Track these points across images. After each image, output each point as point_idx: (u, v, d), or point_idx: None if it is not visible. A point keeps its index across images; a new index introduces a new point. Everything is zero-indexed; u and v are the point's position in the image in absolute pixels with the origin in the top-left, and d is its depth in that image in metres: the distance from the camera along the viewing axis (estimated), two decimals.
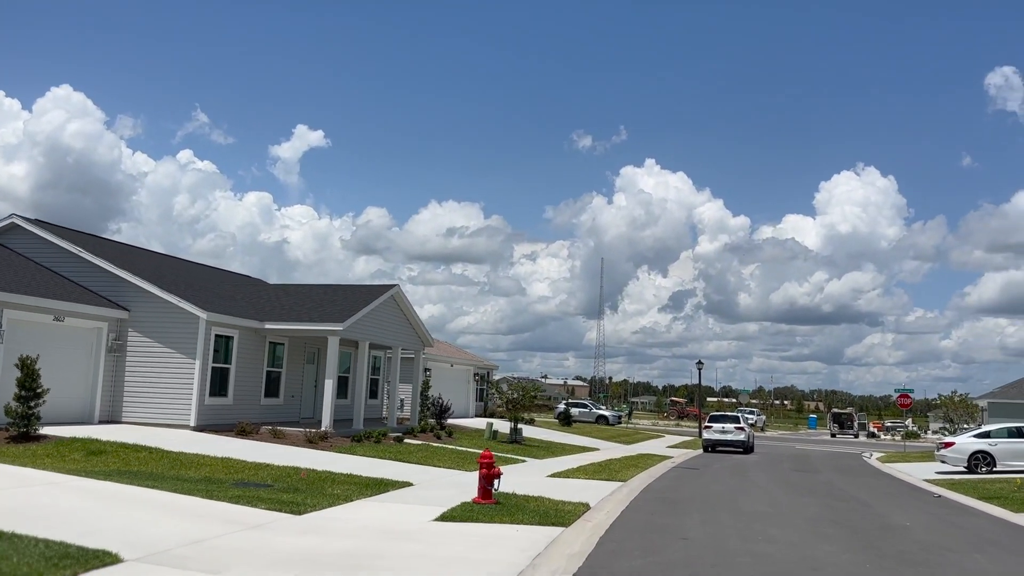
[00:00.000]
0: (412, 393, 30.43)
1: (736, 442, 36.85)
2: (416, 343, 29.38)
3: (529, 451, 27.51)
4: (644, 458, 29.00)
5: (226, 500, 11.98)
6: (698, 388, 54.68)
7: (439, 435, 27.83)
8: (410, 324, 28.71)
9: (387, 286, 26.66)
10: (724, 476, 23.59)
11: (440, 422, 33.95)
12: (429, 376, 37.39)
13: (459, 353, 43.74)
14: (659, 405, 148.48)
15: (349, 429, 24.53)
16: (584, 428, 47.41)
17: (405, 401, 36.63)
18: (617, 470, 22.55)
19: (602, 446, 36.02)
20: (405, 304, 27.85)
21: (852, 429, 72.01)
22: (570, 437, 38.59)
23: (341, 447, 21.25)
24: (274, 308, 25.12)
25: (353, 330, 24.26)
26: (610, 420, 58.50)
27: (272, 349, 25.01)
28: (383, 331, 26.56)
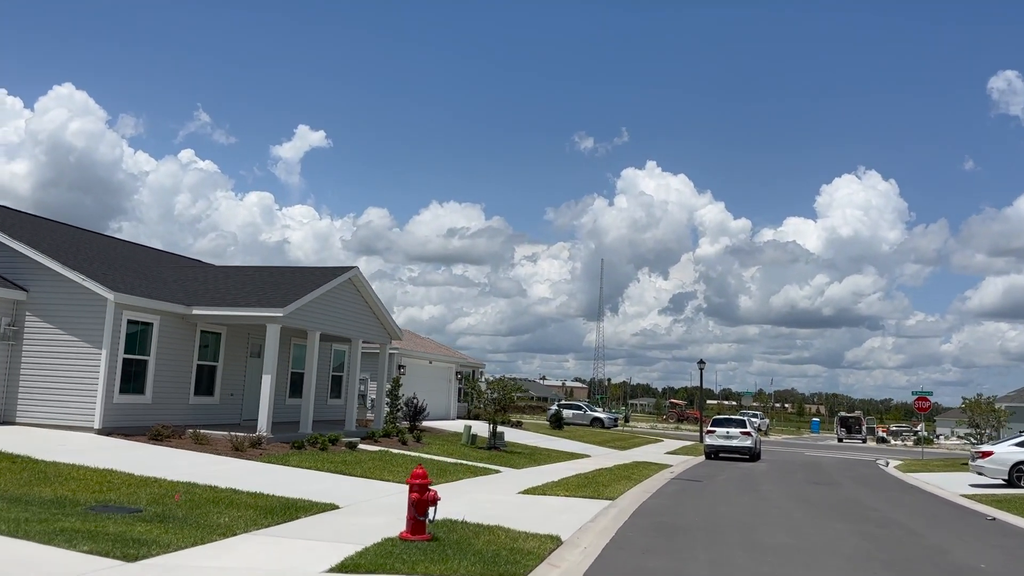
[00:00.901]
0: (377, 392, 26.90)
1: (742, 448, 33.32)
2: (381, 335, 25.84)
3: (507, 459, 23.99)
4: (639, 467, 25.48)
5: (38, 538, 8.45)
6: (699, 390, 51.21)
7: (405, 440, 24.31)
8: (373, 314, 25.17)
9: (342, 268, 23.14)
10: (732, 491, 20.07)
11: (414, 425, 30.45)
12: (403, 373, 33.85)
13: (439, 349, 40.15)
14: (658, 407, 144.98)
15: (294, 433, 21.00)
16: (577, 431, 43.87)
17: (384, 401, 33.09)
18: (606, 483, 19.03)
19: (594, 452, 32.50)
20: (367, 291, 24.30)
21: (860, 434, 68.50)
22: (559, 442, 35.07)
23: (274, 456, 17.73)
24: (207, 291, 21.58)
25: (298, 317, 20.72)
26: (606, 423, 54.95)
27: (205, 340, 21.48)
28: (338, 320, 23.02)
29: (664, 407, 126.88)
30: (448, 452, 23.71)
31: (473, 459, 22.75)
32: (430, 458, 21.24)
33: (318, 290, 21.20)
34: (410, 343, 36.22)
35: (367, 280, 24.12)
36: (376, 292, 24.88)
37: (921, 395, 42.80)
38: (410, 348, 34.89)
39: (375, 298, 24.69)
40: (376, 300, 24.76)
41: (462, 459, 22.44)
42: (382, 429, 24.98)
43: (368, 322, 24.89)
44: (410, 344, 35.86)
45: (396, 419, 28.77)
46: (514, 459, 24.31)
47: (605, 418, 55.81)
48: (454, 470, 19.16)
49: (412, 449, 23.22)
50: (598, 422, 54.96)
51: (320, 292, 21.33)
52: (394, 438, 24.49)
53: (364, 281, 23.92)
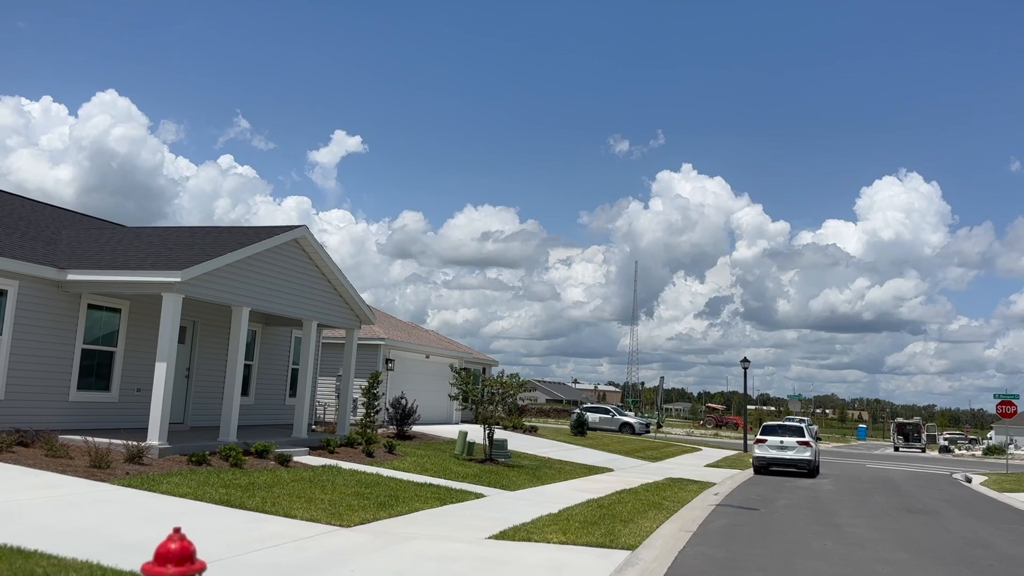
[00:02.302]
0: (341, 390, 21.50)
1: (799, 462, 27.49)
2: (345, 318, 20.45)
3: (502, 476, 18.50)
4: (674, 487, 19.84)
5: None
6: (743, 393, 45.25)
7: (372, 451, 18.89)
8: (335, 291, 19.79)
9: (282, 228, 17.78)
10: (804, 528, 14.37)
11: (402, 430, 25.20)
12: (390, 368, 28.45)
13: (440, 342, 34.68)
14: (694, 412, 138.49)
15: (210, 442, 15.69)
16: (602, 439, 38.18)
17: (360, 402, 27.77)
18: (626, 518, 13.46)
19: (619, 464, 26.86)
20: (323, 261, 18.92)
21: (919, 442, 61.97)
22: (578, 452, 29.46)
23: (147, 476, 12.42)
24: (94, 253, 16.34)
25: (210, 286, 15.40)
26: (636, 429, 49.17)
27: (97, 318, 16.27)
28: (280, 295, 17.67)
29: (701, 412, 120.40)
30: (425, 467, 18.27)
31: (455, 477, 17.29)
32: (394, 476, 15.84)
33: (240, 252, 15.83)
34: (403, 333, 30.85)
35: (322, 248, 18.71)
36: (338, 264, 19.47)
37: (1006, 399, 36.52)
38: (401, 339, 29.51)
39: (335, 271, 19.30)
40: (337, 274, 19.37)
41: (439, 477, 17.00)
42: (345, 436, 19.57)
43: (326, 301, 19.50)
44: (402, 335, 30.49)
45: (374, 423, 23.40)
46: (511, 476, 18.79)
47: (636, 423, 50.02)
48: (414, 496, 13.70)
49: (378, 463, 17.83)
50: (628, 428, 49.22)
51: (244, 255, 15.96)
52: (358, 447, 19.10)
53: (318, 248, 18.54)
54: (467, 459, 21.10)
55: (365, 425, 23.20)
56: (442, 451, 23.15)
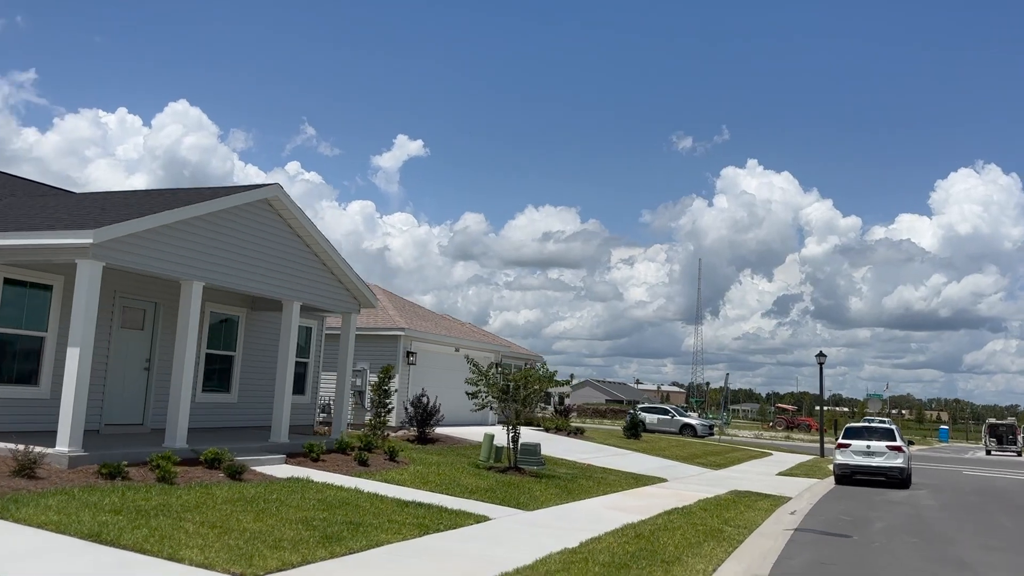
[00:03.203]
0: (337, 387, 18.18)
1: (890, 470, 23.32)
2: (339, 300, 17.16)
3: (524, 489, 15.00)
4: (739, 504, 16.08)
5: None
6: (819, 389, 40.86)
7: (365, 459, 15.55)
8: (323, 267, 16.51)
9: (247, 187, 14.54)
10: (919, 567, 10.53)
11: (423, 432, 21.94)
12: (412, 363, 25.16)
13: (473, 333, 31.20)
14: (762, 413, 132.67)
15: (151, 448, 12.55)
16: (659, 442, 34.32)
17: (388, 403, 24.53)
18: (672, 556, 9.85)
19: (675, 472, 23.10)
20: (304, 228, 15.63)
21: (1015, 445, 56.31)
22: (628, 457, 25.74)
23: (19, 495, 9.27)
24: (13, 217, 13.33)
25: (141, 253, 12.24)
26: (698, 431, 45.08)
27: (16, 294, 13.27)
28: (248, 269, 14.44)
29: (770, 413, 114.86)
30: (427, 479, 14.87)
31: (460, 492, 13.85)
32: (377, 493, 12.50)
33: (180, 211, 12.62)
34: (427, 323, 27.52)
35: (304, 213, 15.44)
36: (327, 236, 16.20)
37: None
38: (425, 330, 26.18)
39: (323, 243, 16.03)
40: (325, 246, 16.10)
41: (441, 492, 13.60)
42: (337, 440, 16.27)
43: (314, 279, 16.24)
44: (426, 324, 27.16)
45: (385, 425, 20.12)
46: (534, 490, 15.26)
47: (698, 425, 45.91)
48: (386, 523, 10.30)
49: (368, 473, 14.50)
50: (689, 430, 45.15)
51: (185, 216, 12.76)
52: (351, 454, 15.78)
53: (297, 213, 15.27)
54: (489, 467, 17.67)
55: (375, 427, 19.96)
56: (465, 457, 19.80)
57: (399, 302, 28.86)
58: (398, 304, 28.18)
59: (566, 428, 29.75)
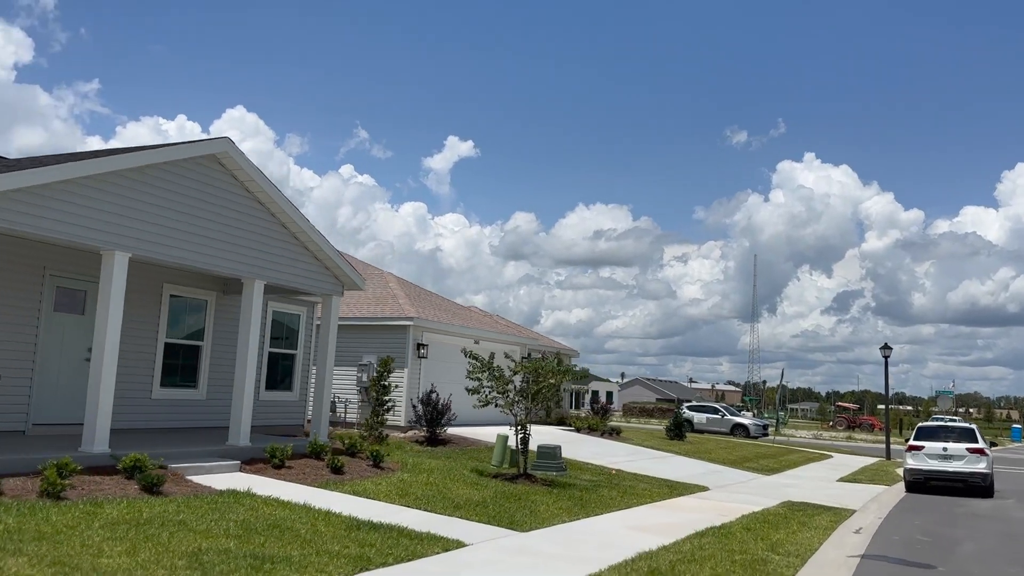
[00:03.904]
0: (317, 377, 15.71)
1: (971, 476, 20.19)
2: (315, 280, 14.73)
3: (528, 503, 12.42)
4: (791, 521, 13.26)
5: None
6: (885, 384, 37.35)
7: (340, 465, 13.08)
8: (295, 241, 14.10)
9: (189, 143, 12.19)
10: None
11: (434, 432, 19.53)
12: (422, 355, 22.68)
13: (494, 323, 28.56)
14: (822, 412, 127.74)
15: (73, 450, 10.27)
16: (705, 444, 31.39)
17: (398, 401, 22.17)
18: None
19: (719, 479, 20.27)
20: (266, 194, 13.23)
21: None
22: (667, 461, 22.94)
23: None
24: None
25: (39, 214, 9.94)
26: (751, 431, 41.89)
27: None
28: (189, 239, 12.07)
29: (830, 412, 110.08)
30: (409, 490, 12.37)
31: (444, 508, 11.33)
32: (331, 511, 10.05)
33: (96, 163, 10.31)
34: (441, 312, 25.02)
35: (264, 176, 13.04)
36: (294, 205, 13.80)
37: None
38: (438, 319, 23.69)
39: (289, 210, 13.62)
40: (293, 213, 13.70)
41: (419, 507, 11.12)
42: (312, 443, 13.84)
43: (283, 255, 13.84)
44: (440, 314, 24.66)
45: (381, 423, 17.74)
46: (541, 504, 12.66)
47: (750, 425, 42.69)
48: (319, 554, 7.82)
49: (337, 484, 12.07)
50: (741, 430, 42.00)
51: (107, 169, 10.45)
52: (325, 459, 13.34)
53: (255, 175, 12.87)
54: (496, 474, 15.12)
55: (372, 427, 17.60)
56: (476, 460, 17.36)
57: (412, 290, 26.45)
58: (410, 292, 25.77)
59: (600, 428, 27.05)
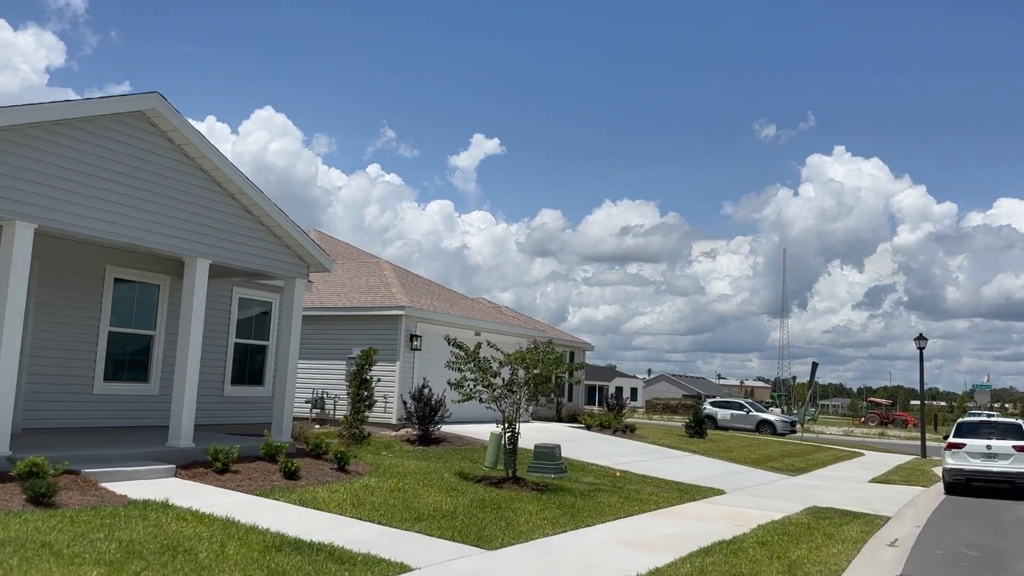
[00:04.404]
0: (279, 369, 14.08)
1: (1018, 476, 18.27)
2: (275, 260, 13.11)
3: (508, 513, 10.77)
4: (815, 533, 11.46)
5: None
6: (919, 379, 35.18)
7: (293, 470, 11.46)
8: (246, 213, 12.48)
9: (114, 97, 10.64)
10: None
11: (426, 431, 17.98)
12: (416, 347, 21.05)
13: (497, 314, 26.84)
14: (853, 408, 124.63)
15: None
16: (728, 441, 29.52)
17: (389, 396, 20.61)
18: None
19: (738, 480, 18.45)
20: (209, 160, 11.61)
21: None
22: (683, 461, 21.15)
23: None
24: None
25: None
26: (778, 428, 39.85)
27: None
28: (114, 208, 10.50)
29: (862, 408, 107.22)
30: (371, 498, 10.74)
31: (404, 519, 9.69)
32: (256, 523, 8.46)
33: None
34: (437, 301, 23.34)
35: (205, 139, 11.44)
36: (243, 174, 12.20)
37: None
38: (433, 309, 22.04)
39: (239, 180, 12.02)
40: (244, 183, 12.09)
41: (377, 519, 9.53)
42: (264, 445, 12.23)
43: (230, 229, 12.24)
44: (436, 303, 22.99)
45: (361, 421, 16.16)
46: (524, 513, 10.97)
47: (777, 422, 40.64)
48: None
49: (283, 492, 10.49)
50: (767, 427, 39.98)
51: (5, 123, 8.89)
52: (278, 462, 11.73)
53: (192, 136, 11.28)
54: (481, 478, 13.45)
55: (352, 424, 16.02)
56: (469, 461, 15.84)
57: (409, 278, 24.81)
58: (407, 280, 24.13)
59: (613, 425, 25.30)
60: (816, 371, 41.14)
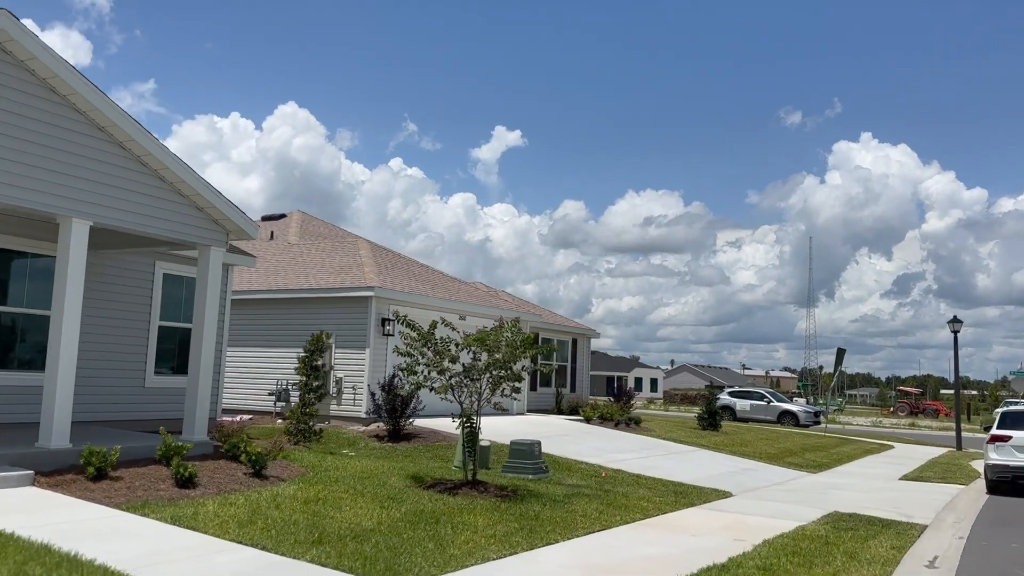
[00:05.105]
0: (191, 358, 11.91)
1: None
2: (182, 224, 10.96)
3: (451, 527, 8.66)
4: (833, 549, 9.20)
5: None
6: (954, 365, 32.60)
7: (188, 476, 9.37)
8: (138, 164, 10.32)
9: None
10: None
11: (397, 426, 15.97)
12: (389, 332, 18.91)
13: (486, 297, 24.52)
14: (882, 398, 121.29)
15: None
16: (744, 434, 27.16)
17: (358, 388, 18.55)
18: None
19: (749, 480, 16.20)
20: (83, 98, 9.49)
21: None
22: (688, 457, 18.90)
23: None
24: None
25: None
26: (801, 419, 37.39)
27: None
28: None
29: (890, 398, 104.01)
30: (271, 512, 8.64)
31: (291, 545, 7.57)
32: (78, 552, 6.33)
33: None
34: (415, 282, 21.08)
35: (70, 67, 9.32)
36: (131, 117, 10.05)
37: None
38: (409, 290, 19.86)
39: (125, 123, 9.88)
40: (130, 128, 9.95)
41: (255, 542, 7.39)
42: (161, 446, 10.11)
43: (118, 184, 10.10)
44: (414, 284, 20.76)
45: (310, 415, 14.08)
46: (471, 528, 8.81)
47: (800, 412, 38.16)
48: None
49: (155, 505, 8.43)
50: (789, 418, 37.55)
51: None
52: (170, 467, 9.61)
53: (56, 66, 9.18)
54: (436, 482, 11.30)
55: (299, 419, 13.94)
56: (441, 459, 13.92)
57: (386, 257, 22.62)
58: (383, 259, 21.96)
59: (615, 418, 23.06)
60: (842, 358, 38.42)
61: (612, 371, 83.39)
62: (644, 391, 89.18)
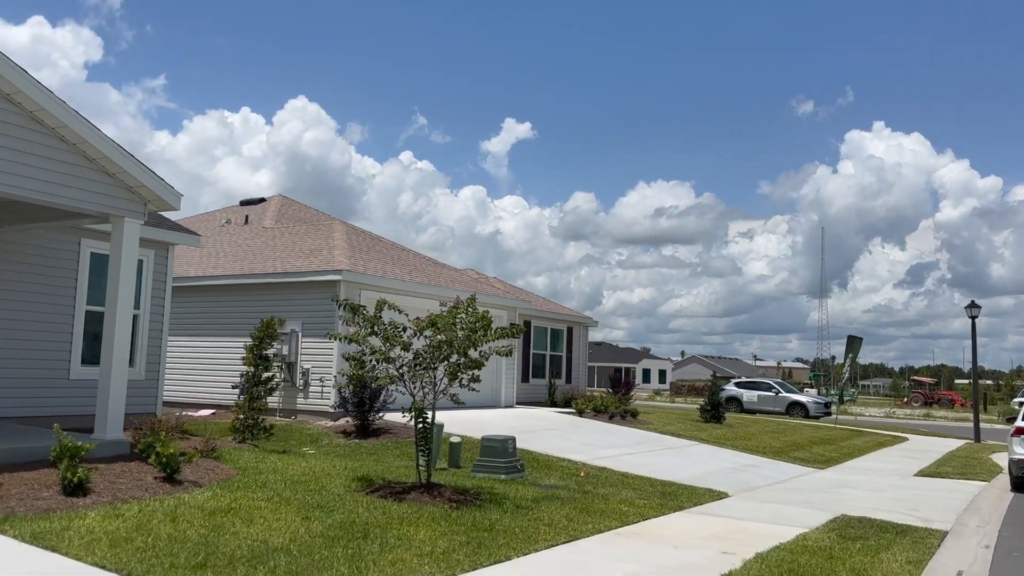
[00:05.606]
0: (104, 343, 10.49)
1: None
2: (85, 190, 9.55)
3: (389, 542, 7.30)
4: (838, 563, 7.71)
5: None
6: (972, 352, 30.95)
7: (79, 482, 8.03)
8: (32, 122, 8.95)
9: None
10: None
11: (366, 422, 14.68)
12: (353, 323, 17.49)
13: (472, 282, 22.89)
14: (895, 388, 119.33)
15: None
16: (750, 426, 25.67)
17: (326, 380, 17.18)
18: None
19: (750, 477, 14.75)
20: None
21: None
22: (685, 452, 17.46)
23: None
24: None
25: None
26: (810, 410, 35.88)
27: None
28: None
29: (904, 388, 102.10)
30: (150, 528, 7.25)
31: (178, 568, 6.16)
32: None
33: None
34: (389, 265, 19.58)
35: None
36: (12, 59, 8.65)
37: None
38: (381, 274, 18.43)
39: (6, 69, 8.50)
40: (17, 78, 8.56)
41: (126, 568, 5.97)
42: (55, 448, 8.71)
43: (6, 143, 8.73)
44: (388, 267, 19.30)
45: (259, 409, 12.73)
46: (404, 544, 7.40)
47: (809, 404, 36.63)
48: None
49: (36, 516, 7.05)
50: (799, 409, 36.05)
51: None
52: (57, 471, 8.25)
53: None
54: (385, 484, 9.91)
55: (246, 415, 12.58)
56: (407, 457, 12.47)
57: (362, 239, 21.18)
58: (358, 242, 20.52)
59: (610, 410, 21.62)
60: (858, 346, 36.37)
61: (620, 362, 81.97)
62: (652, 382, 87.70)
